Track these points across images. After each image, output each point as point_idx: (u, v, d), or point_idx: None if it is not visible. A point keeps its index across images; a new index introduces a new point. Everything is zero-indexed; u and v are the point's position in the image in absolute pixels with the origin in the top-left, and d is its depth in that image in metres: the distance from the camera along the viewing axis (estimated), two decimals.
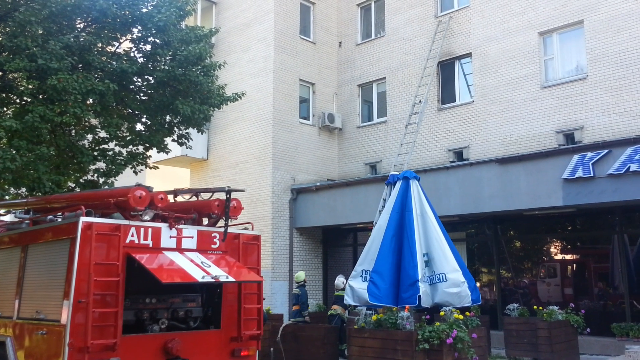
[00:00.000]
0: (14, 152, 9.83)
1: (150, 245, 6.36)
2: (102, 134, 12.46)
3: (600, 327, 12.45)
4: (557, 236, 14.93)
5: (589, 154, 11.70)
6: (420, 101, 15.64)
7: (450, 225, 12.61)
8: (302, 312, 12.05)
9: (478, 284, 11.18)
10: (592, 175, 11.53)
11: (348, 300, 8.61)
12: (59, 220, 6.86)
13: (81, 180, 12.52)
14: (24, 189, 11.30)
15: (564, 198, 12.01)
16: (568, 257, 14.74)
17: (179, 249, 6.57)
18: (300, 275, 12.79)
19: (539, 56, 14.44)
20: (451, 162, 15.22)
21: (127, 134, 12.94)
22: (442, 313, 8.20)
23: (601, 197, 11.50)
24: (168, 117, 12.78)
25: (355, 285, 8.43)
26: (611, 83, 13.06)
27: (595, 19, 13.52)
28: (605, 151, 11.51)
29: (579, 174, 11.69)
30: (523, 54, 14.64)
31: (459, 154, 15.51)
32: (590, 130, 13.16)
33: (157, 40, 11.86)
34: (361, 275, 8.42)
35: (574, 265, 14.62)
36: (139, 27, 11.73)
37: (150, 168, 13.67)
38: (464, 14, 16.09)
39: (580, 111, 13.45)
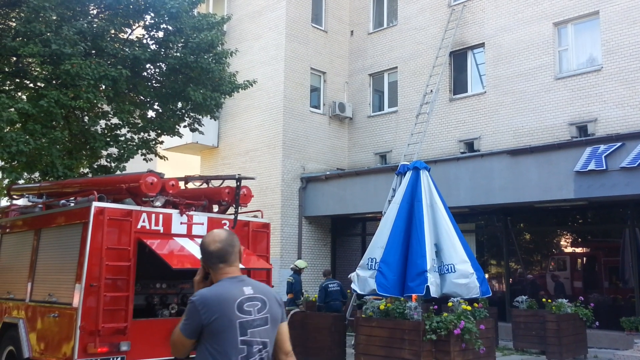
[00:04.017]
0: (27, 136, 9.92)
1: (161, 231, 6.43)
2: (115, 120, 12.54)
3: (609, 320, 12.39)
4: (568, 229, 14.84)
5: (602, 147, 11.58)
6: (431, 91, 15.53)
7: (460, 216, 12.59)
8: (295, 301, 11.82)
9: (487, 276, 11.17)
10: (604, 168, 11.42)
11: (356, 289, 8.64)
12: (72, 205, 6.94)
13: (94, 165, 12.63)
14: (37, 174, 11.42)
15: (576, 191, 11.92)
16: (578, 250, 14.65)
17: (190, 235, 6.64)
18: (301, 263, 12.54)
19: (553, 47, 14.27)
20: (462, 153, 15.15)
21: (139, 120, 13.01)
22: (450, 304, 8.22)
23: (613, 190, 11.41)
24: (179, 104, 12.82)
25: (363, 275, 8.46)
26: (626, 75, 12.89)
27: (611, 10, 13.32)
28: (619, 144, 11.39)
29: (591, 166, 11.58)
30: (537, 45, 14.47)
31: (470, 145, 15.42)
32: (604, 122, 13.02)
33: (170, 27, 11.88)
34: (369, 265, 8.44)
35: (584, 259, 14.54)
36: (152, 14, 11.76)
37: (160, 157, 13.74)
38: (478, 3, 15.91)
39: (594, 103, 13.30)
